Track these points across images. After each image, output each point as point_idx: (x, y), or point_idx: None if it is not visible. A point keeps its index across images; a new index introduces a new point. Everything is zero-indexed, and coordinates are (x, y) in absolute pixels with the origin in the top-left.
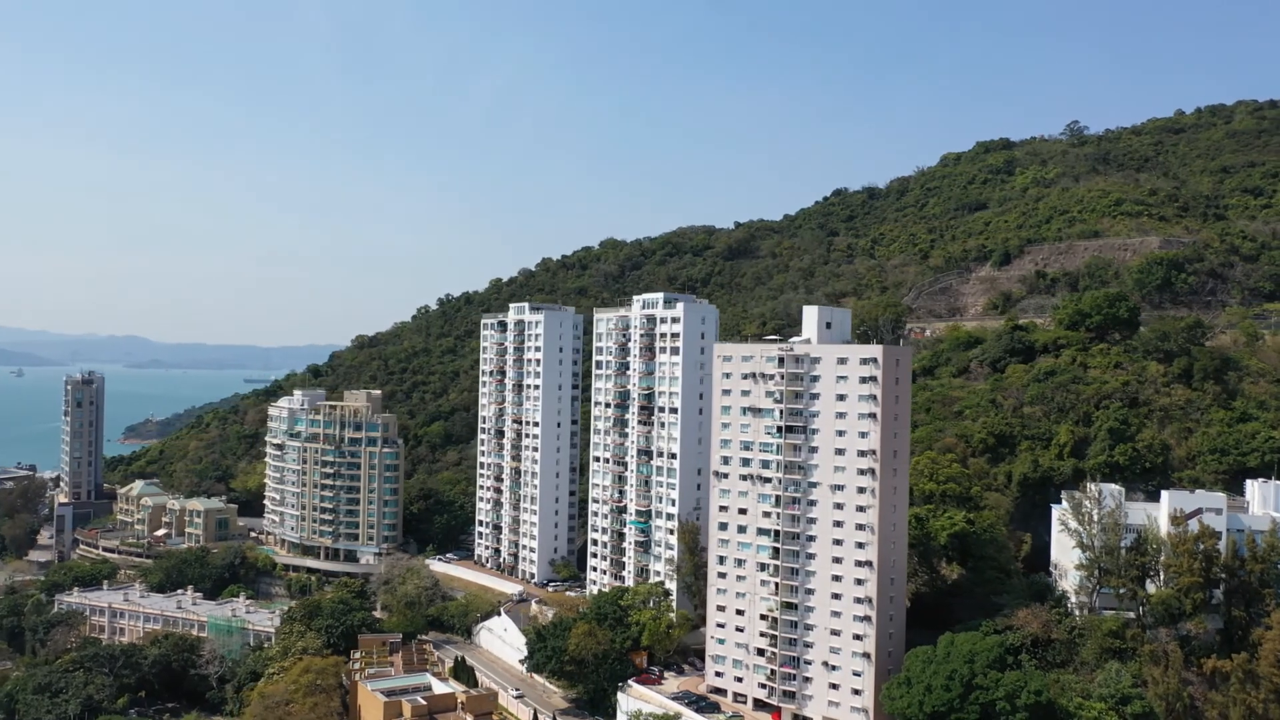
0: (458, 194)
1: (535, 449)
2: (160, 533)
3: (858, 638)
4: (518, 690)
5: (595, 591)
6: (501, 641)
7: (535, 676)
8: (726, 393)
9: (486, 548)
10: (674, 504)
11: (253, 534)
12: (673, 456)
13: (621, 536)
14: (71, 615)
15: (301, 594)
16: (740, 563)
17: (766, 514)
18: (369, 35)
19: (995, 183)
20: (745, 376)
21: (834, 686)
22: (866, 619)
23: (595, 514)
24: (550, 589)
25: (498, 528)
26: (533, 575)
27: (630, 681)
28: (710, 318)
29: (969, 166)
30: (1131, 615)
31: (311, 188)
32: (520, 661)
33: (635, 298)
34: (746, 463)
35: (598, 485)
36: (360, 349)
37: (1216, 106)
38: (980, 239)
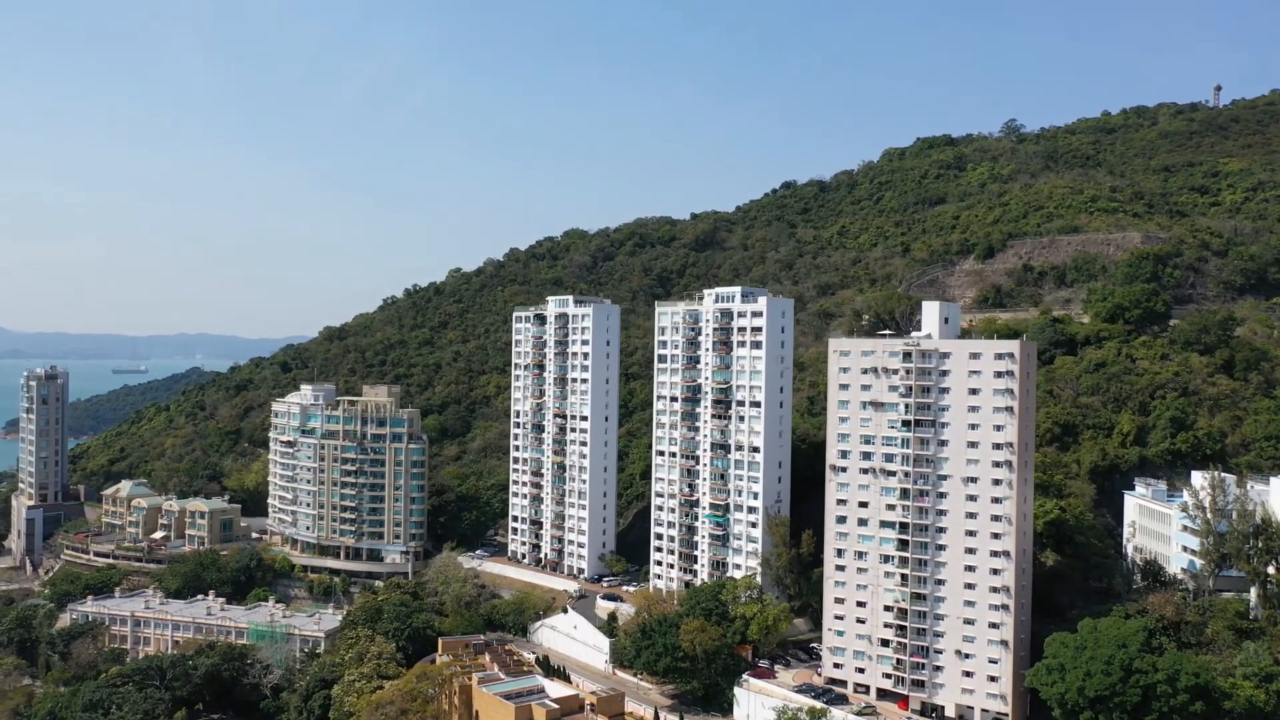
0: (335, 181)
1: (584, 443)
2: (158, 535)
3: (994, 626)
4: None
5: (659, 586)
6: (570, 639)
7: (619, 672)
8: (844, 387)
9: (523, 543)
10: (756, 497)
11: (255, 534)
12: (755, 450)
13: (692, 530)
14: (93, 626)
15: (325, 596)
16: (861, 555)
17: (890, 506)
18: (241, 17)
19: (948, 178)
20: (865, 371)
21: (968, 674)
22: (1004, 608)
23: (660, 508)
24: (604, 584)
25: (537, 523)
26: (581, 571)
27: (745, 676)
28: (789, 311)
29: (915, 161)
30: (1250, 596)
31: (176, 172)
32: (606, 661)
33: (706, 291)
34: (868, 456)
35: (662, 479)
36: (329, 341)
37: (1140, 108)
38: (960, 234)
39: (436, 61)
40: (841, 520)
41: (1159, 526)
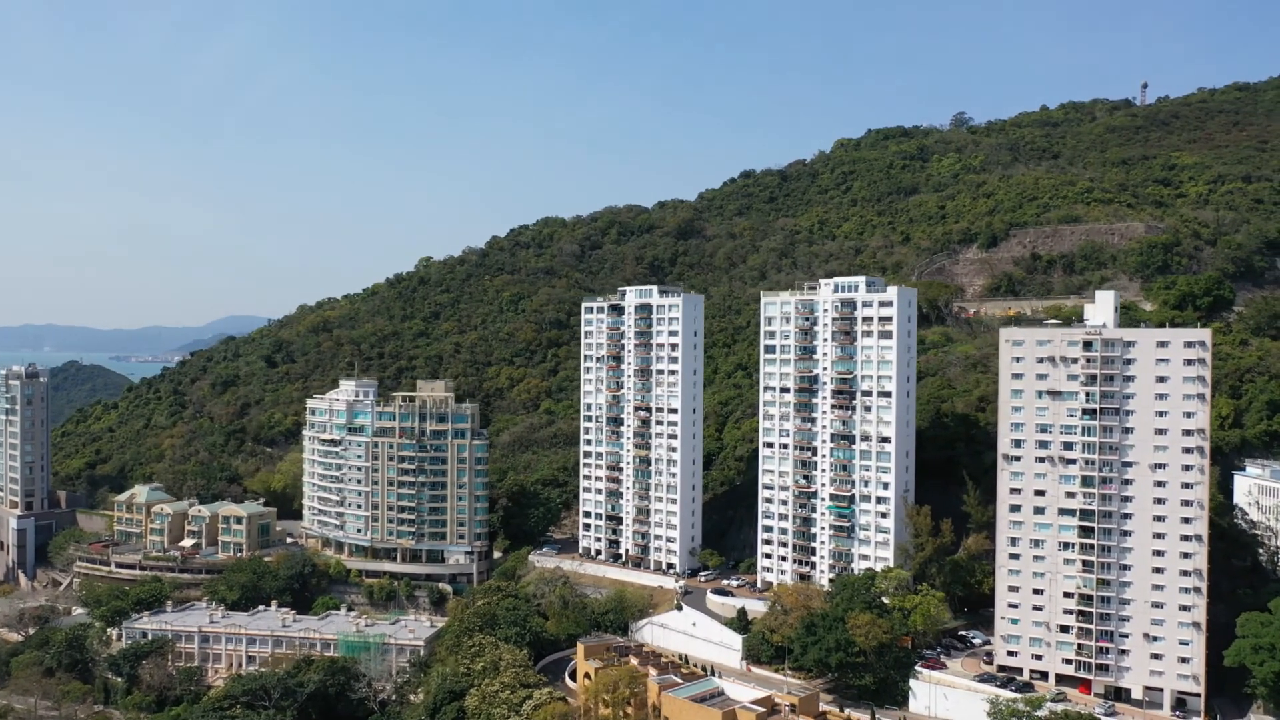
0: (193, 166)
1: (674, 436)
2: (188, 543)
3: (1184, 609)
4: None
5: (768, 579)
6: (687, 637)
7: (755, 669)
8: (1018, 376)
9: (598, 539)
10: (886, 488)
11: (290, 539)
12: (885, 440)
13: (808, 523)
14: (161, 644)
15: (388, 601)
16: (1037, 543)
17: (1070, 494)
18: None
19: (913, 168)
20: (1041, 360)
21: (1156, 657)
22: (1195, 590)
23: (769, 500)
24: (702, 579)
25: (615, 519)
26: (671, 566)
27: (918, 668)
28: (914, 300)
29: (873, 152)
30: None
31: (12, 150)
32: (741, 659)
33: (823, 281)
34: (1044, 445)
35: (771, 471)
36: (315, 333)
37: (1077, 103)
38: (955, 223)
39: (295, 44)
40: (1015, 509)
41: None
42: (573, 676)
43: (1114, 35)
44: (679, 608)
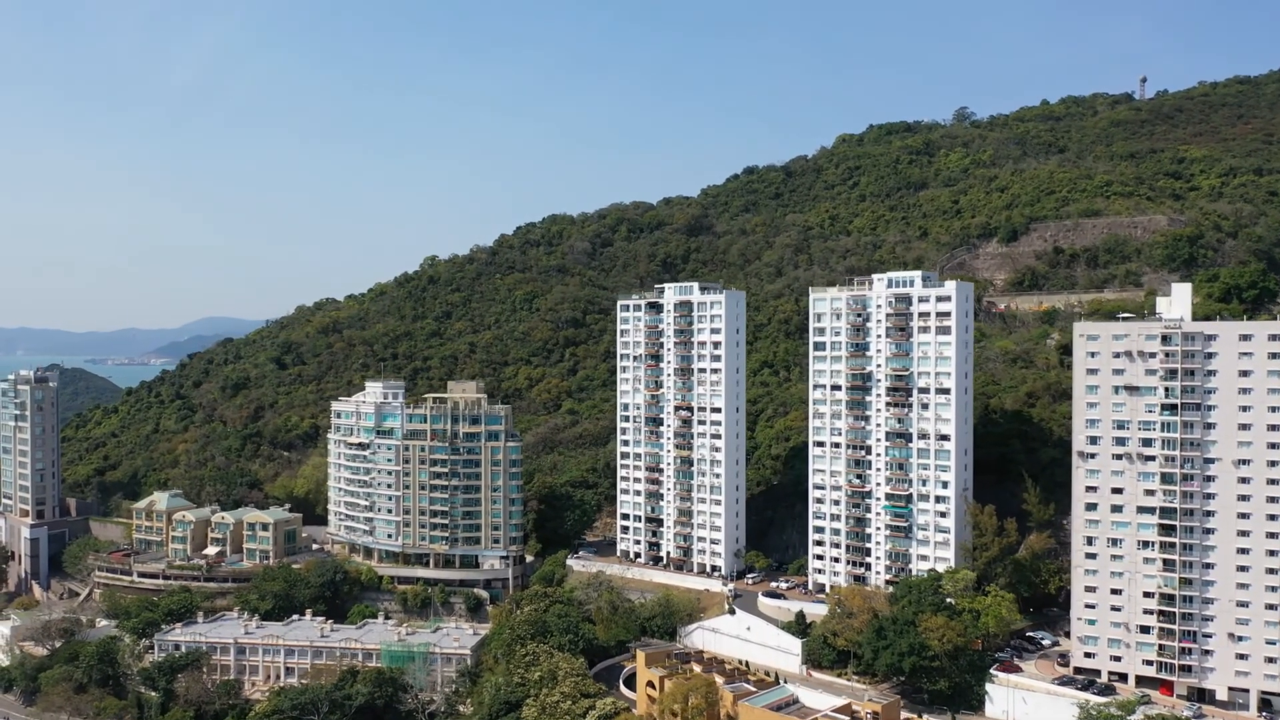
0: (166, 169)
1: (717, 436)
2: (212, 551)
3: (1271, 607)
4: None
5: (821, 582)
6: (741, 641)
7: (815, 674)
8: (1093, 372)
9: (637, 542)
10: (946, 487)
11: (315, 545)
12: (944, 438)
13: (862, 523)
14: (196, 657)
15: (423, 608)
16: (1115, 542)
17: (1149, 492)
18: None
19: (920, 163)
20: (1117, 355)
21: (1241, 657)
22: None
23: (820, 500)
24: (750, 581)
25: (655, 521)
26: (715, 569)
27: (994, 671)
28: (970, 296)
29: (877, 148)
30: None
31: None
32: (801, 664)
33: (876, 277)
34: (1121, 442)
35: (821, 471)
36: (325, 334)
37: (1077, 98)
38: (974, 217)
39: (279, 38)
40: (1091, 508)
41: None
42: (627, 684)
43: (1105, 30)
44: (731, 611)
